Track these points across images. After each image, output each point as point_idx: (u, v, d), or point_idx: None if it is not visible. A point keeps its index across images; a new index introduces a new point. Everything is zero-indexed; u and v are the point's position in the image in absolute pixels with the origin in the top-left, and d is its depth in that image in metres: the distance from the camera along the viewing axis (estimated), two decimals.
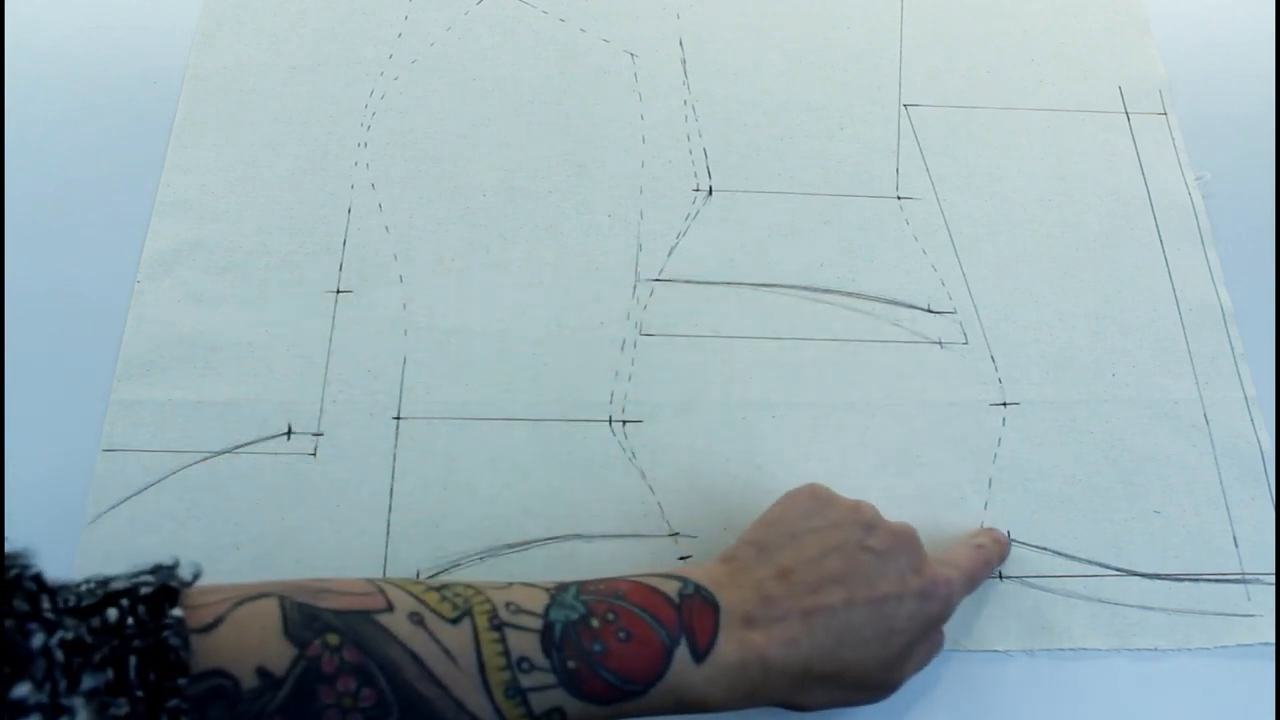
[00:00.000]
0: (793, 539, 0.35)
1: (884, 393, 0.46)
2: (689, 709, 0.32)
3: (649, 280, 0.47)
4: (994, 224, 0.50)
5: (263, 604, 0.29)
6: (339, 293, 0.46)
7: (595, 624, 0.31)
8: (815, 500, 0.37)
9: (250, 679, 0.27)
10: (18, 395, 0.44)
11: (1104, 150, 0.52)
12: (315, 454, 0.43)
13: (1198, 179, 0.52)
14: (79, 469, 0.42)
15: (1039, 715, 0.40)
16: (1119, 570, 0.43)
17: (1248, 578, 0.43)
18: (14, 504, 0.41)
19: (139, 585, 0.28)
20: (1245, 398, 0.46)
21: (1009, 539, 0.43)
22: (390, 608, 0.30)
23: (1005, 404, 0.46)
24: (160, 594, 0.28)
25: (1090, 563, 0.43)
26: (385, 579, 0.32)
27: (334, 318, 0.46)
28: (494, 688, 0.29)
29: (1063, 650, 0.41)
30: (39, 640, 0.25)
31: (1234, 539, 0.43)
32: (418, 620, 0.30)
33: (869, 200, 0.50)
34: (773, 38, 0.54)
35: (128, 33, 0.53)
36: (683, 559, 0.42)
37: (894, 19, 0.55)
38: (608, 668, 0.30)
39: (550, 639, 0.30)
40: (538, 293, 0.47)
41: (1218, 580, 0.43)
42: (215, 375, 0.44)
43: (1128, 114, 0.53)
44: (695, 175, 0.50)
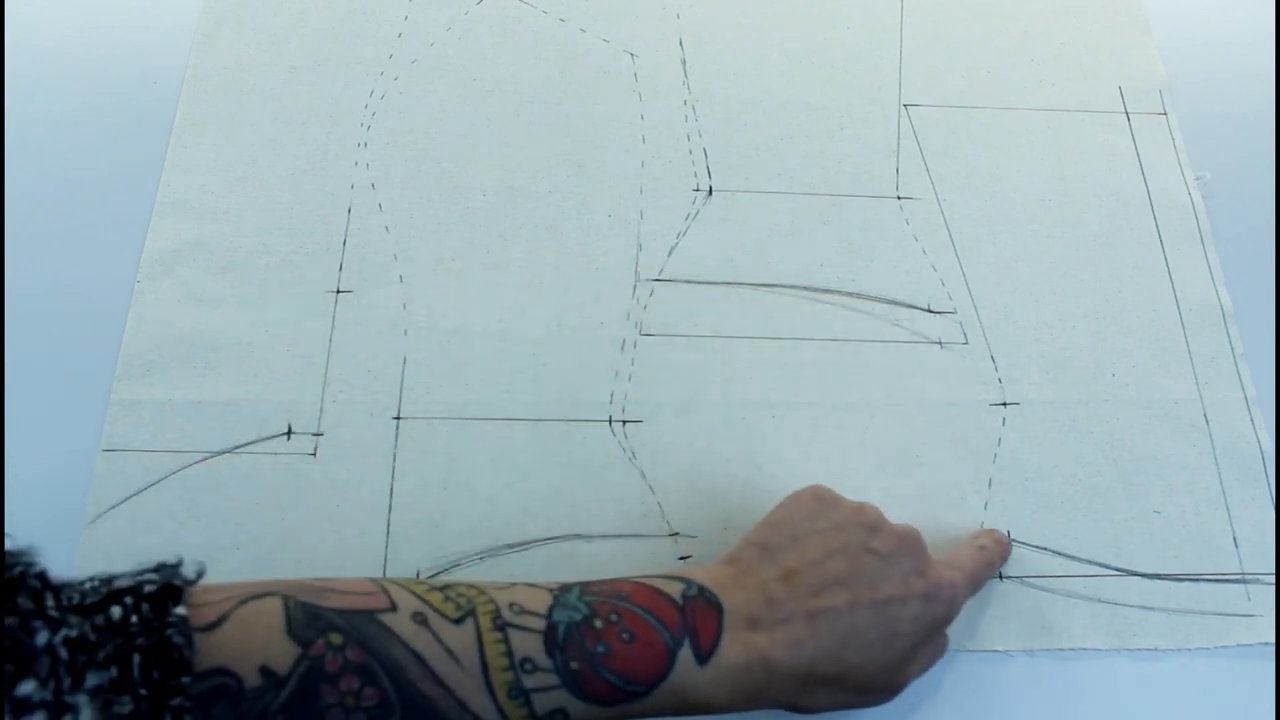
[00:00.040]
0: (796, 541, 0.35)
1: (884, 393, 0.46)
2: (692, 710, 0.32)
3: (649, 280, 0.47)
4: (994, 224, 0.50)
5: (266, 603, 0.29)
6: (339, 293, 0.46)
7: (598, 625, 0.31)
8: (819, 502, 0.36)
9: (253, 678, 0.27)
10: (18, 395, 0.44)
11: (1104, 150, 0.52)
12: (315, 454, 0.43)
13: (1198, 179, 0.52)
14: (79, 469, 0.42)
15: (1039, 715, 0.40)
16: (1119, 570, 0.43)
17: (1248, 578, 0.43)
18: (14, 504, 0.41)
19: (143, 583, 0.28)
20: (1245, 398, 0.46)
21: (1010, 540, 0.43)
22: (393, 607, 0.30)
23: (1005, 404, 0.46)
24: (164, 592, 0.28)
25: (1090, 563, 0.43)
26: (388, 579, 0.32)
27: (334, 318, 0.46)
28: (497, 688, 0.29)
29: (1063, 650, 0.41)
30: (43, 638, 0.25)
31: (1234, 539, 0.43)
32: (421, 620, 0.30)
33: (869, 200, 0.50)
34: (773, 38, 0.54)
35: (128, 33, 0.53)
36: (683, 559, 0.42)
37: (894, 19, 0.55)
38: (611, 669, 0.30)
39: (553, 640, 0.30)
40: (538, 293, 0.47)
41: (1218, 580, 0.43)
42: (215, 375, 0.44)
43: (1128, 114, 0.53)
44: (695, 175, 0.50)
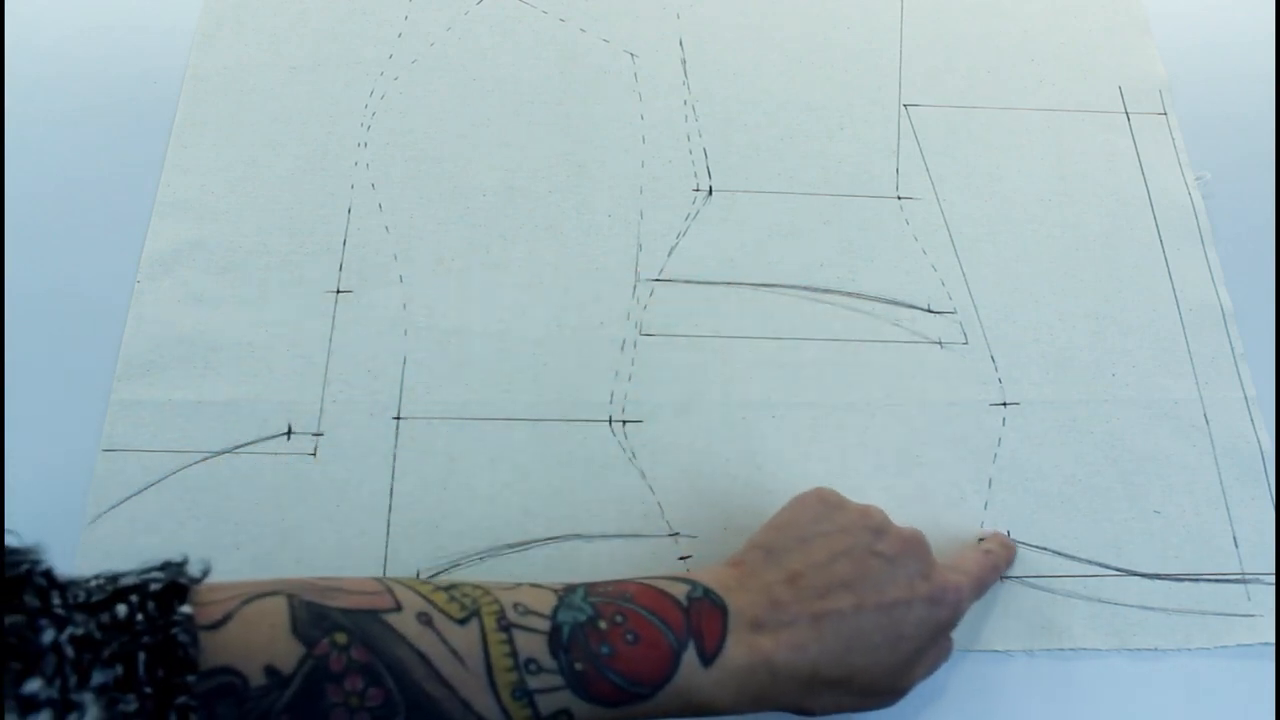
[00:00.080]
0: (801, 543, 0.35)
1: (884, 393, 0.46)
2: (696, 712, 0.32)
3: (649, 280, 0.47)
4: (994, 224, 0.50)
5: (271, 602, 0.29)
6: (339, 293, 0.46)
7: (603, 626, 0.31)
8: (824, 504, 0.36)
9: (258, 677, 0.27)
10: (18, 395, 0.44)
11: (1104, 150, 0.52)
12: (315, 454, 0.43)
13: (1198, 179, 0.52)
14: (79, 469, 0.42)
15: (1039, 715, 0.40)
16: (1119, 570, 0.43)
17: (1248, 578, 0.43)
18: (14, 504, 0.41)
19: (148, 581, 0.28)
20: (1245, 398, 0.46)
21: (1014, 542, 0.42)
22: (398, 607, 0.30)
23: (1005, 404, 0.46)
24: (169, 590, 0.28)
25: (1090, 563, 0.43)
26: (393, 578, 0.32)
27: (334, 318, 0.46)
28: (501, 689, 0.29)
29: (1063, 650, 0.41)
30: (49, 636, 0.25)
31: (1234, 539, 0.43)
32: (426, 620, 0.30)
33: (869, 200, 0.50)
34: (773, 38, 0.54)
35: (128, 33, 0.53)
36: (683, 559, 0.42)
37: (894, 19, 0.55)
38: (615, 670, 0.30)
39: (558, 640, 0.30)
40: (538, 293, 0.47)
41: (1218, 580, 0.43)
42: (215, 375, 0.44)
43: (1128, 114, 0.53)
44: (695, 175, 0.50)
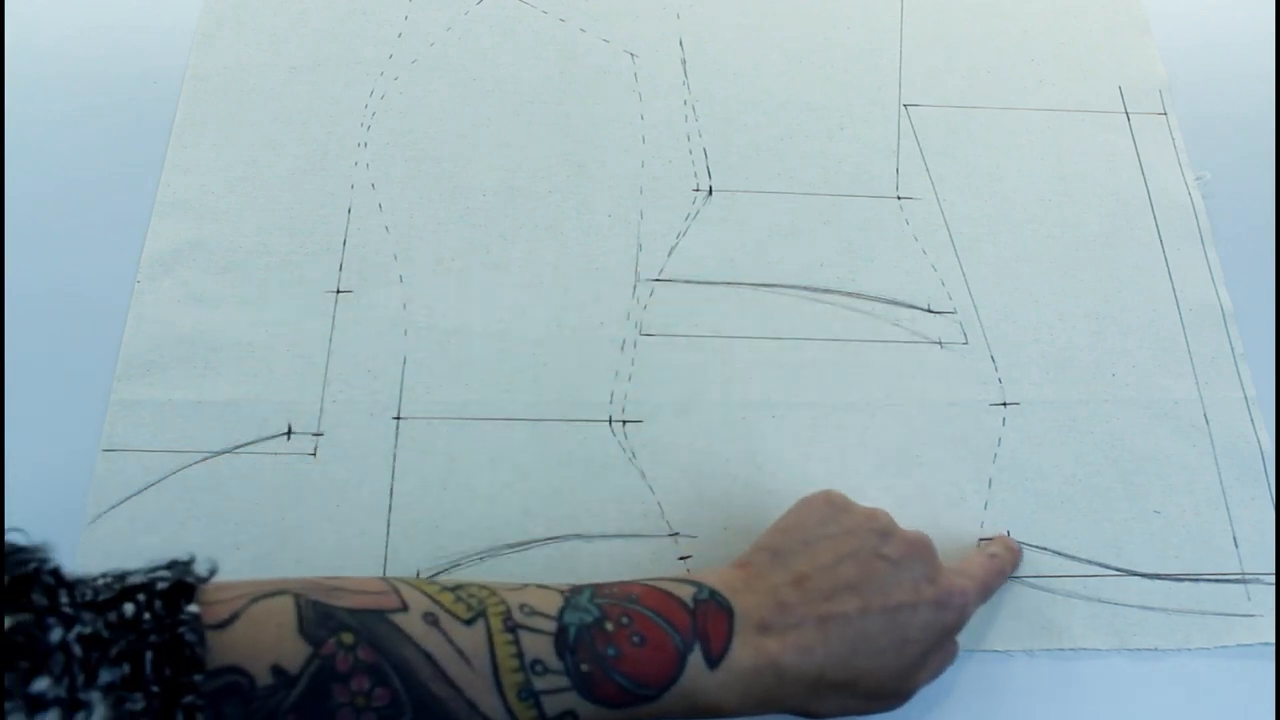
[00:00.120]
0: (807, 545, 0.35)
1: (884, 393, 0.46)
2: (702, 714, 0.32)
3: (649, 280, 0.47)
4: (994, 224, 0.50)
5: (278, 601, 0.29)
6: (339, 293, 0.46)
7: (609, 627, 0.31)
8: (830, 507, 0.36)
9: (265, 676, 0.27)
10: (18, 395, 0.44)
11: (1104, 150, 0.52)
12: (315, 454, 0.43)
13: (1198, 179, 0.52)
14: (79, 469, 0.42)
15: (1039, 715, 0.40)
16: (1119, 570, 0.43)
17: (1248, 578, 0.43)
18: (14, 504, 0.41)
19: (155, 580, 0.28)
20: (1245, 398, 0.46)
21: (1020, 546, 0.42)
22: (405, 607, 0.30)
23: (1005, 404, 0.46)
24: (176, 590, 0.28)
25: (1090, 563, 0.43)
26: (399, 578, 0.32)
27: (334, 318, 0.46)
28: (507, 689, 0.29)
29: (1063, 650, 0.41)
30: (57, 635, 0.25)
31: (1234, 539, 0.43)
32: (432, 620, 0.30)
33: (869, 200, 0.50)
34: (773, 38, 0.54)
35: (128, 33, 0.53)
36: (683, 559, 0.42)
37: (894, 19, 0.55)
38: (621, 671, 0.30)
39: (564, 642, 0.30)
40: (538, 293, 0.47)
41: (1218, 580, 0.43)
42: (215, 375, 0.44)
43: (1128, 114, 0.53)
44: (695, 175, 0.50)
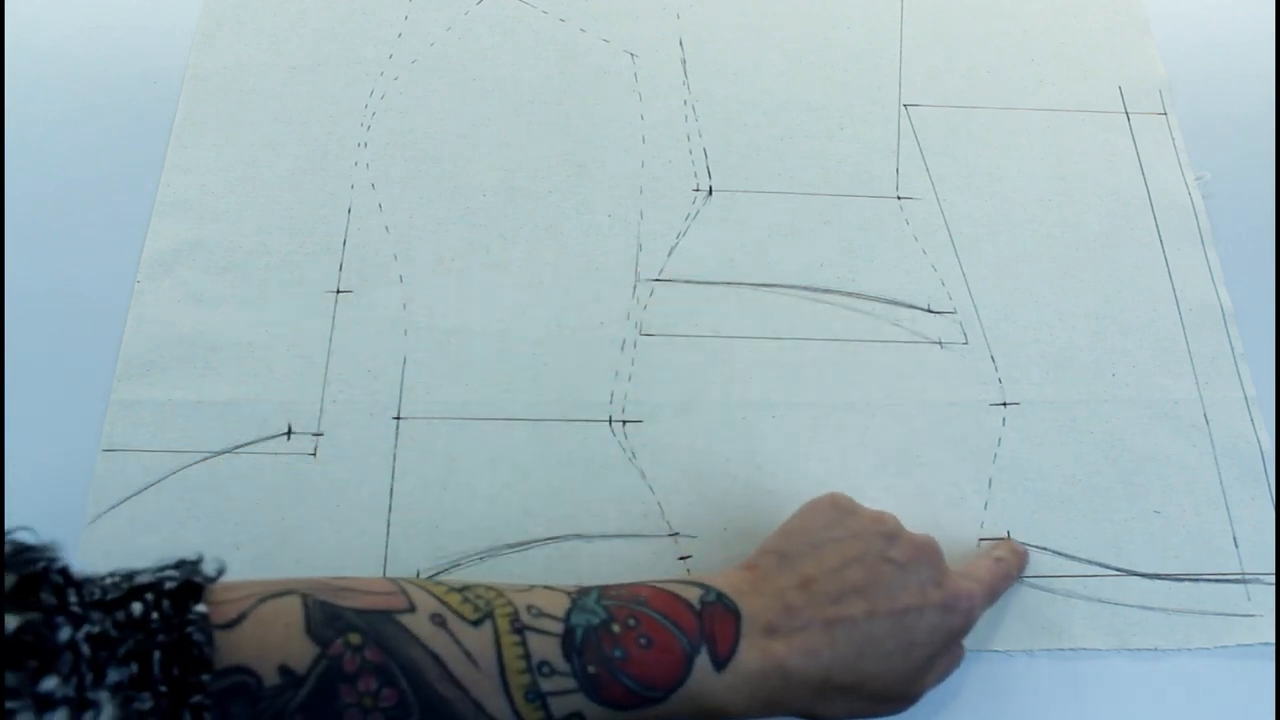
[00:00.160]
0: (814, 548, 0.35)
1: (884, 393, 0.46)
2: (708, 716, 0.32)
3: (649, 280, 0.47)
4: (994, 224, 0.50)
5: (285, 601, 0.29)
6: (339, 293, 0.46)
7: (616, 629, 0.31)
8: (837, 510, 0.36)
9: (272, 676, 0.27)
10: (18, 395, 0.44)
11: (1104, 150, 0.52)
12: (315, 454, 0.43)
13: (1198, 179, 0.52)
14: (79, 469, 0.42)
15: (1039, 715, 0.40)
16: (1119, 570, 0.43)
17: (1248, 578, 0.43)
18: (14, 504, 0.41)
19: (163, 580, 0.28)
20: (1245, 398, 0.46)
21: (1025, 550, 0.42)
22: (412, 608, 0.30)
23: (1005, 404, 0.46)
24: (184, 589, 0.28)
25: (1090, 563, 0.43)
26: (406, 579, 0.32)
27: (334, 318, 0.46)
28: (514, 691, 0.29)
29: (1063, 650, 0.41)
30: (66, 634, 0.25)
31: (1234, 539, 0.43)
32: (439, 621, 0.30)
33: (869, 200, 0.50)
34: (773, 38, 0.54)
35: (128, 33, 0.53)
36: (683, 559, 0.42)
37: (894, 19, 0.55)
38: (628, 673, 0.30)
39: (571, 643, 0.30)
40: (538, 293, 0.47)
41: (1218, 580, 0.43)
42: (215, 375, 0.44)
43: (1128, 114, 0.53)
44: (695, 175, 0.50)
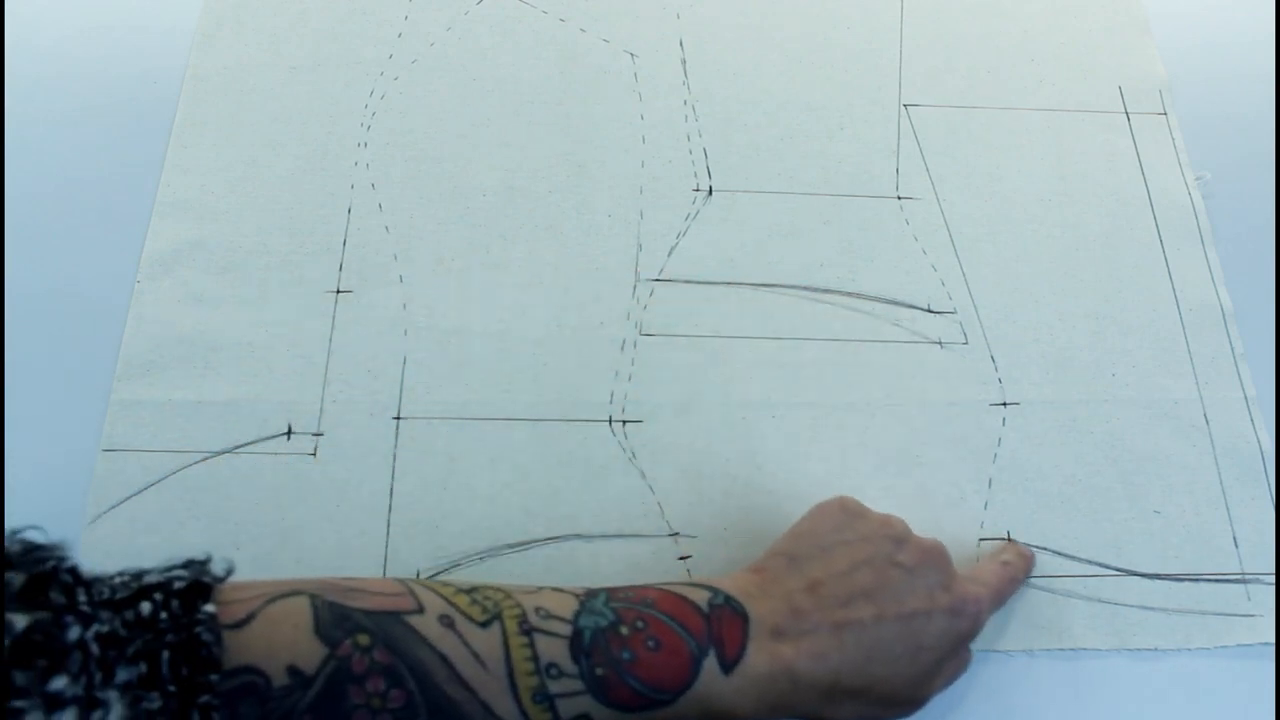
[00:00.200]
0: (823, 551, 0.35)
1: (884, 393, 0.46)
2: (716, 719, 0.32)
3: (649, 280, 0.47)
4: (994, 224, 0.50)
5: (294, 602, 0.29)
6: (339, 293, 0.46)
7: (624, 631, 0.31)
8: (846, 513, 0.36)
9: (281, 677, 0.27)
10: (18, 395, 0.44)
11: (1104, 150, 0.52)
12: (315, 454, 0.43)
13: (1198, 179, 0.52)
14: (79, 469, 0.42)
15: (1039, 715, 0.40)
16: (1119, 570, 0.43)
17: (1248, 578, 0.43)
18: (14, 504, 0.41)
19: (172, 580, 0.28)
20: (1245, 398, 0.46)
21: (1032, 552, 0.42)
22: (420, 609, 0.30)
23: (1005, 404, 0.46)
24: (193, 589, 0.28)
25: (1090, 563, 0.43)
26: (415, 580, 0.32)
27: (334, 318, 0.46)
28: (522, 692, 0.29)
29: (1063, 650, 0.41)
30: (75, 633, 0.25)
31: (1234, 539, 0.43)
32: (448, 623, 0.30)
33: (869, 200, 0.50)
34: (773, 38, 0.54)
35: (128, 33, 0.53)
36: (682, 559, 0.42)
37: (894, 19, 0.55)
38: (636, 676, 0.30)
39: (579, 645, 0.30)
40: (538, 293, 0.47)
41: (1218, 580, 0.43)
42: (215, 375, 0.44)
43: (1128, 114, 0.53)
44: (695, 175, 0.50)
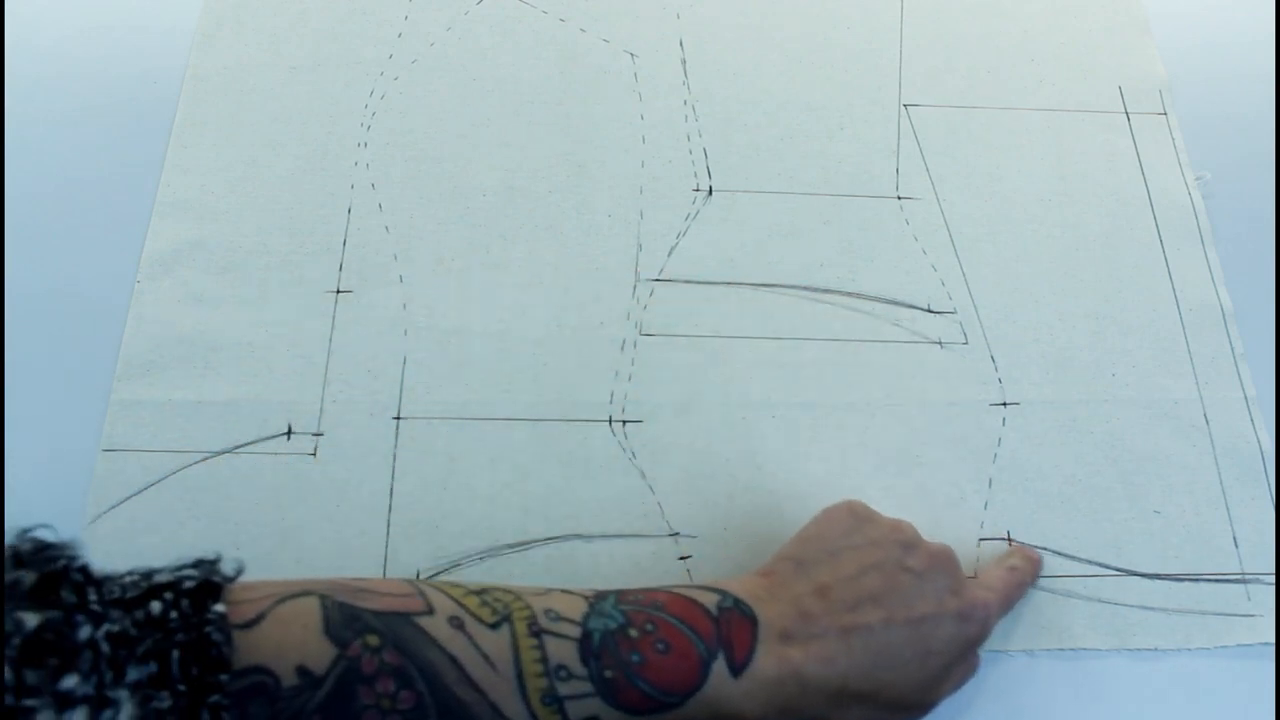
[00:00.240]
0: (831, 556, 0.35)
1: (884, 393, 0.46)
2: None
3: (649, 280, 0.47)
4: (994, 224, 0.50)
5: (304, 602, 0.29)
6: (339, 293, 0.46)
7: (634, 634, 0.31)
8: (855, 517, 0.36)
9: (291, 677, 0.27)
10: (18, 395, 0.44)
11: (1104, 150, 0.52)
12: (315, 454, 0.43)
13: (1198, 179, 0.52)
14: (79, 469, 0.42)
15: (1039, 715, 0.40)
16: (1119, 570, 0.43)
17: (1248, 578, 0.43)
18: (14, 504, 0.41)
19: (182, 579, 0.28)
20: (1245, 398, 0.46)
21: (1039, 556, 0.42)
22: (430, 610, 0.30)
23: (1005, 404, 0.46)
24: (203, 589, 0.28)
25: (1090, 563, 0.43)
26: (424, 581, 0.32)
27: (334, 318, 0.46)
28: (531, 694, 0.29)
29: (1063, 650, 0.41)
30: (86, 632, 0.25)
31: (1234, 539, 0.43)
32: (458, 624, 0.30)
33: (869, 200, 0.50)
34: (773, 38, 0.54)
35: (128, 33, 0.53)
36: (683, 559, 0.42)
37: (894, 19, 0.55)
38: (645, 679, 0.30)
39: (588, 648, 0.30)
40: (538, 293, 0.47)
41: (1218, 580, 0.43)
42: (215, 375, 0.44)
43: (1128, 114, 0.53)
44: (695, 175, 0.50)
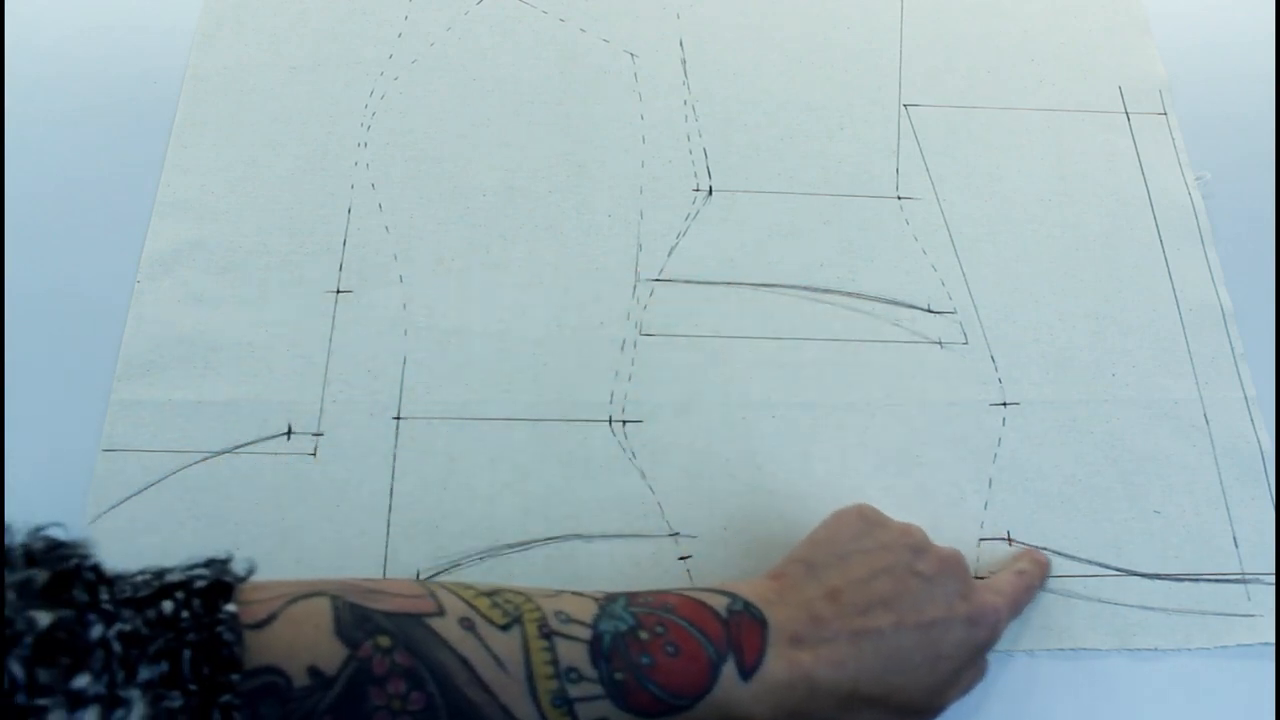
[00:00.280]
0: (842, 559, 0.35)
1: (884, 393, 0.46)
2: None
3: (649, 280, 0.47)
4: (994, 224, 0.50)
5: (315, 602, 0.29)
6: (339, 293, 0.46)
7: (644, 636, 0.31)
8: (865, 521, 0.36)
9: (302, 677, 0.27)
10: (18, 395, 0.44)
11: (1104, 150, 0.52)
12: (315, 454, 0.43)
13: (1198, 179, 0.52)
14: (79, 469, 0.42)
15: (1038, 715, 0.40)
16: (1119, 570, 0.43)
17: (1248, 578, 0.43)
18: (14, 504, 0.41)
19: (194, 579, 0.28)
20: (1245, 398, 0.46)
21: (1047, 559, 0.42)
22: (441, 612, 0.30)
23: (1005, 404, 0.46)
24: (214, 588, 0.28)
25: (1090, 563, 0.43)
26: (435, 582, 0.32)
27: (334, 318, 0.46)
28: (541, 696, 0.29)
29: (1063, 650, 0.41)
30: (98, 631, 0.25)
31: (1234, 539, 0.43)
32: (468, 626, 0.30)
33: (869, 200, 0.50)
34: (773, 38, 0.54)
35: (128, 33, 0.53)
36: (683, 559, 0.42)
37: (894, 19, 0.55)
38: (655, 681, 0.30)
39: (599, 650, 0.30)
40: (538, 293, 0.47)
41: (1218, 580, 0.43)
42: (215, 375, 0.44)
43: (1128, 114, 0.53)
44: (695, 175, 0.50)
